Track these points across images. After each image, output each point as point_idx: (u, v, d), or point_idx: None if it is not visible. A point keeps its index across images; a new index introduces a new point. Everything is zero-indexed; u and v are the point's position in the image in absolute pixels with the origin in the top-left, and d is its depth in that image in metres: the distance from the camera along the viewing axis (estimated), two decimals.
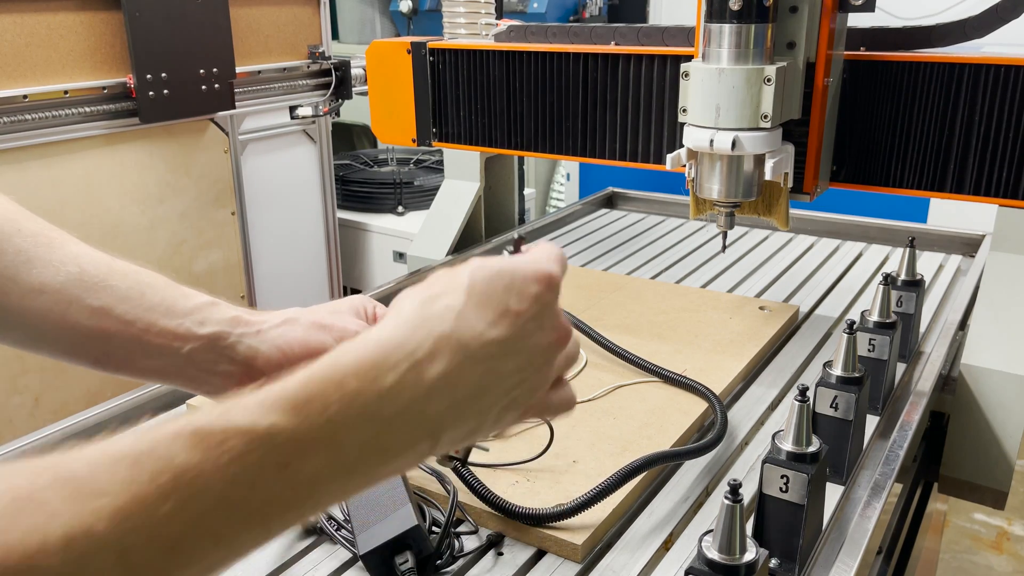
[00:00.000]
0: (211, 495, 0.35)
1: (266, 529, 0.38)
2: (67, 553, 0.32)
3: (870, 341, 0.97)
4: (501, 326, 0.45)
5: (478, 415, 0.46)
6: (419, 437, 0.42)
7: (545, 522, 0.76)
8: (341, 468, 0.39)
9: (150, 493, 0.34)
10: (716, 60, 1.00)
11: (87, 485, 0.34)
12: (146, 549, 0.34)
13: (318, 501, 0.40)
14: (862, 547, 0.74)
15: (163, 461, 0.35)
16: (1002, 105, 1.04)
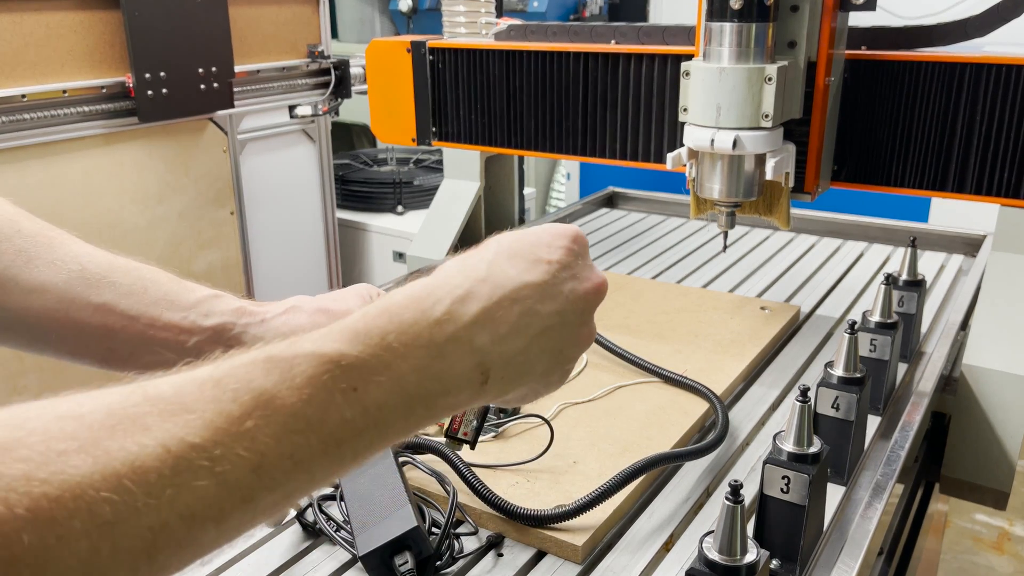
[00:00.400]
0: (288, 414, 0.37)
1: (340, 454, 0.40)
2: (164, 461, 0.34)
3: (871, 341, 0.97)
4: (534, 272, 0.49)
5: (524, 356, 0.48)
6: (469, 366, 0.45)
7: (547, 523, 0.76)
8: (403, 395, 0.42)
9: (234, 410, 0.36)
10: (717, 59, 1.00)
11: (175, 403, 0.36)
12: (234, 464, 0.36)
13: (385, 430, 0.42)
14: (863, 548, 0.74)
15: (243, 383, 0.37)
16: (1003, 105, 1.04)
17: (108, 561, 0.33)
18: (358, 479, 0.77)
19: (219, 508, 0.36)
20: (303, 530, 0.79)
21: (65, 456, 0.32)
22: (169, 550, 0.35)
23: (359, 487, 0.75)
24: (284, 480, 0.38)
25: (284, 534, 0.79)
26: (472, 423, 0.60)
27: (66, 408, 0.34)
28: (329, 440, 0.39)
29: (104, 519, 0.32)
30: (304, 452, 0.38)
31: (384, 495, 0.73)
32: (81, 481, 0.32)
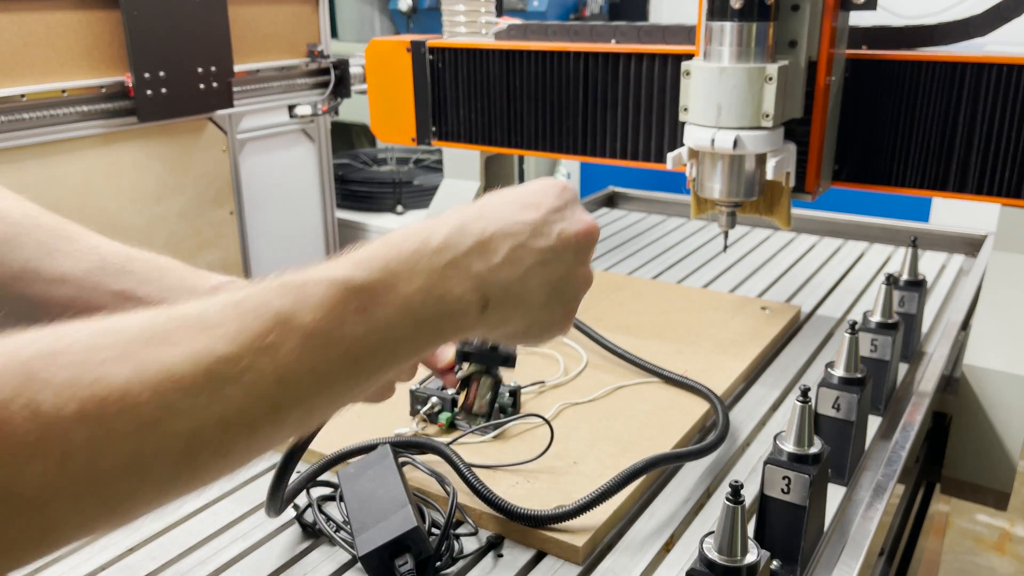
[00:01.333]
0: (305, 332, 0.41)
1: (356, 371, 0.44)
2: (196, 370, 0.37)
3: (872, 341, 0.96)
4: (526, 213, 0.53)
5: (520, 286, 0.52)
6: (468, 290, 0.49)
7: (546, 524, 0.75)
8: (409, 316, 0.46)
9: (255, 327, 0.40)
10: (717, 59, 1.00)
11: (200, 321, 0.39)
12: (259, 375, 0.39)
13: (396, 349, 0.46)
14: (864, 548, 0.74)
15: (261, 305, 0.41)
16: (1004, 104, 1.04)
17: (152, 460, 0.36)
18: (358, 480, 0.76)
19: (249, 417, 0.39)
20: (303, 530, 0.78)
21: (106, 364, 0.36)
22: (206, 454, 0.38)
23: (359, 488, 0.75)
24: (307, 394, 0.42)
25: (284, 535, 0.78)
26: (486, 397, 0.64)
27: (101, 326, 0.38)
28: (345, 357, 0.43)
29: (146, 419, 0.36)
30: (323, 367, 0.42)
31: (384, 496, 0.73)
32: (123, 385, 0.35)
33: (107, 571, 0.74)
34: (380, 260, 0.46)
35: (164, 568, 0.74)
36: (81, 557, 0.75)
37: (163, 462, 0.37)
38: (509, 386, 0.94)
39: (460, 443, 0.88)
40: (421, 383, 0.95)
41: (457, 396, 0.64)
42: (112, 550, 0.76)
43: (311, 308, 0.42)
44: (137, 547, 0.77)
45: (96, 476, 0.35)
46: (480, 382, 0.63)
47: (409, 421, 0.94)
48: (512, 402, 0.94)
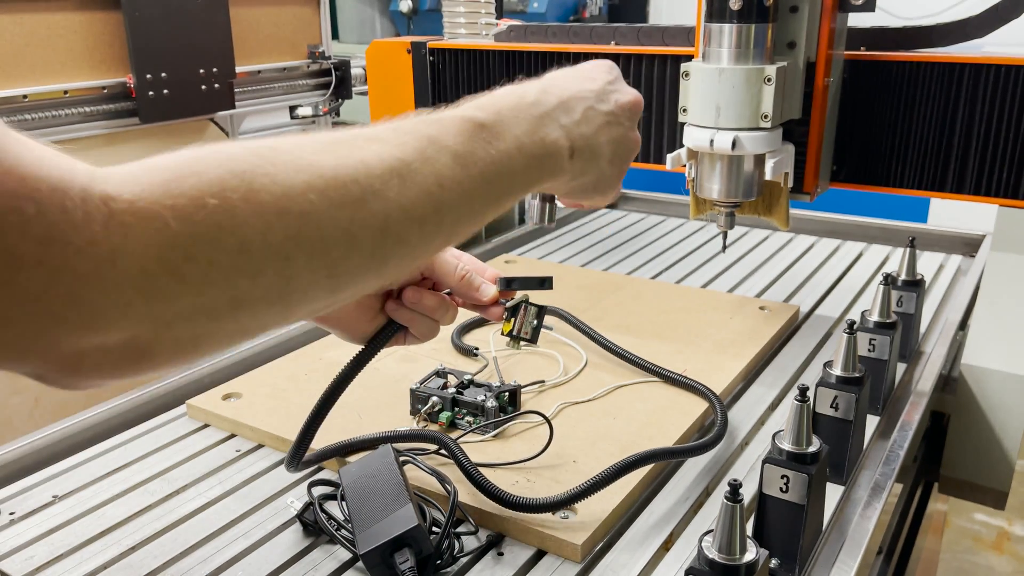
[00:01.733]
0: (451, 151, 0.50)
1: (489, 191, 0.53)
2: (380, 165, 0.46)
3: (870, 341, 0.97)
4: (589, 83, 0.64)
5: (595, 140, 0.63)
6: (560, 136, 0.59)
7: (539, 511, 0.76)
8: (522, 151, 0.55)
9: (415, 143, 0.48)
10: (716, 60, 1.00)
11: (375, 136, 0.48)
12: (425, 176, 0.48)
13: (513, 178, 0.55)
14: (862, 547, 0.74)
15: (416, 129, 0.49)
16: (1003, 105, 1.04)
17: (359, 232, 0.44)
18: (359, 478, 0.77)
19: (420, 211, 0.48)
20: (303, 529, 0.79)
21: (315, 155, 0.44)
22: (392, 239, 0.47)
23: (360, 486, 0.76)
24: (457, 201, 0.50)
25: (284, 533, 0.79)
26: (532, 323, 0.71)
27: (295, 137, 0.45)
28: (481, 176, 0.52)
29: (354, 196, 0.44)
30: (467, 181, 0.50)
31: (385, 494, 0.73)
32: (332, 169, 0.43)
33: (108, 570, 0.75)
34: (493, 107, 0.55)
35: (165, 567, 0.75)
36: (82, 557, 0.76)
37: (366, 236, 0.45)
38: (509, 385, 0.94)
39: (460, 442, 0.89)
40: (421, 383, 0.96)
41: (504, 323, 0.72)
42: (113, 549, 0.77)
43: (453, 134, 0.51)
44: (138, 546, 0.77)
45: (322, 237, 0.42)
46: (527, 309, 0.71)
47: (410, 420, 0.94)
48: (512, 401, 0.94)
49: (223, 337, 0.42)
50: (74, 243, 0.33)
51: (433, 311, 0.69)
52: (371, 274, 0.48)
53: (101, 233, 0.34)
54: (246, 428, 0.95)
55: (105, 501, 0.84)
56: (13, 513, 0.82)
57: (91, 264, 0.34)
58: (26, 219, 0.32)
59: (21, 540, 0.78)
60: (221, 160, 0.40)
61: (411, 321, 0.69)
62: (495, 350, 1.10)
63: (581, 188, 0.66)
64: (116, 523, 0.81)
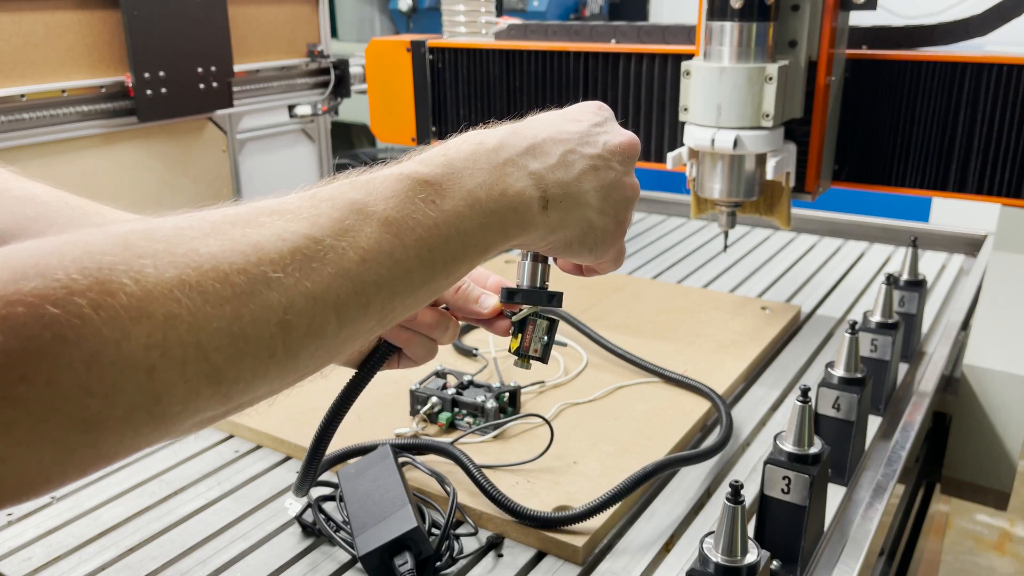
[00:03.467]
0: (380, 219, 0.43)
1: (431, 259, 0.46)
2: (282, 247, 0.40)
3: (872, 341, 0.96)
4: (571, 124, 0.57)
5: (576, 187, 0.55)
6: (528, 186, 0.51)
7: (556, 526, 0.75)
8: (475, 208, 0.48)
9: (333, 214, 0.42)
10: (718, 59, 1.00)
11: (280, 209, 0.42)
12: (341, 255, 0.41)
13: (467, 240, 0.48)
14: (864, 548, 0.74)
15: (337, 196, 0.43)
16: (1004, 104, 1.04)
17: (249, 329, 0.38)
18: (358, 480, 0.76)
19: (335, 295, 0.41)
20: (303, 530, 0.78)
21: (196, 240, 0.38)
22: (299, 331, 0.40)
23: (359, 488, 0.75)
24: (387, 278, 0.44)
25: (284, 534, 0.78)
26: (543, 339, 0.62)
27: (183, 217, 0.40)
28: (420, 244, 0.45)
29: (241, 289, 0.38)
30: (400, 252, 0.44)
31: (384, 496, 0.73)
32: (215, 256, 0.37)
33: (106, 571, 0.74)
34: (441, 158, 0.49)
35: (164, 568, 0.74)
36: (79, 558, 0.76)
37: (260, 333, 0.38)
38: (509, 386, 0.94)
39: (461, 443, 0.88)
40: (421, 383, 0.95)
41: (512, 340, 0.62)
42: (111, 551, 0.76)
43: (383, 198, 0.44)
44: (137, 547, 0.77)
45: (199, 342, 0.36)
46: (536, 324, 0.61)
47: (409, 421, 0.94)
48: (512, 402, 0.94)
49: (79, 466, 0.35)
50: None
51: (431, 329, 0.62)
52: (273, 375, 0.41)
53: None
54: (244, 429, 0.94)
55: (103, 502, 0.84)
56: (11, 514, 0.82)
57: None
58: None
59: (19, 541, 0.78)
60: (76, 256, 0.35)
61: (407, 342, 0.62)
62: (495, 350, 1.09)
63: (565, 244, 0.57)
64: (114, 524, 0.80)
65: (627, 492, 0.77)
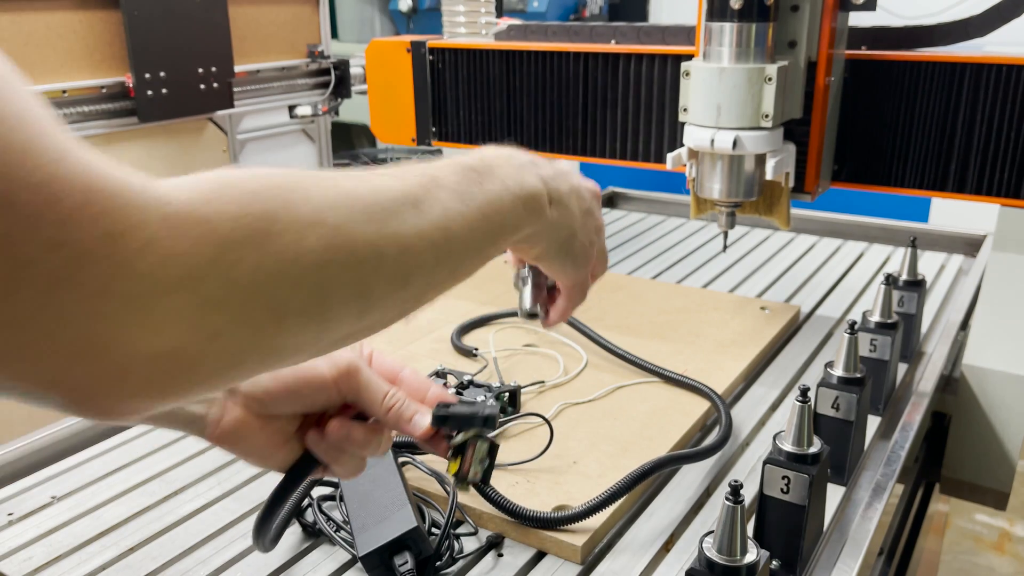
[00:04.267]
0: (450, 188, 0.52)
1: (487, 226, 0.54)
2: (390, 191, 0.48)
3: (871, 341, 0.97)
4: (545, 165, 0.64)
5: (568, 198, 0.64)
6: (539, 184, 0.60)
7: (555, 526, 0.75)
8: (509, 193, 0.57)
9: (418, 180, 0.50)
10: (717, 59, 1.00)
11: (378, 173, 0.50)
12: (429, 208, 0.49)
13: (504, 218, 0.56)
14: (863, 548, 0.74)
15: (414, 170, 0.52)
16: (1004, 105, 1.04)
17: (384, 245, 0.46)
18: (358, 479, 0.76)
19: (433, 234, 0.49)
20: (303, 530, 0.79)
21: (336, 180, 0.46)
22: (413, 256, 0.48)
23: (359, 487, 0.75)
24: (462, 235, 0.52)
25: (284, 534, 0.79)
26: (485, 462, 0.59)
27: (311, 171, 0.46)
28: (479, 211, 0.53)
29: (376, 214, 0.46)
30: (468, 215, 0.52)
31: (384, 495, 0.73)
32: (354, 189, 0.46)
33: (107, 571, 0.74)
34: (476, 156, 0.58)
35: (164, 568, 0.75)
36: (80, 558, 0.76)
37: (390, 252, 0.46)
38: (509, 386, 0.94)
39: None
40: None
41: (450, 463, 0.59)
42: (112, 550, 0.76)
43: (449, 174, 0.53)
44: (137, 547, 0.77)
45: (353, 250, 0.43)
46: (476, 447, 0.58)
47: None
48: (512, 402, 0.94)
49: (262, 356, 0.41)
50: (135, 242, 0.34)
51: (361, 447, 0.59)
52: (394, 298, 0.48)
53: (157, 233, 0.35)
54: None
55: (104, 502, 0.84)
56: (12, 514, 0.82)
57: (148, 263, 0.35)
58: (94, 216, 0.33)
59: (20, 541, 0.78)
60: (257, 175, 0.42)
61: (335, 458, 0.59)
62: (495, 350, 1.10)
63: (559, 243, 0.65)
64: (115, 524, 0.80)
65: (625, 491, 0.77)
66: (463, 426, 0.58)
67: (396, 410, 0.59)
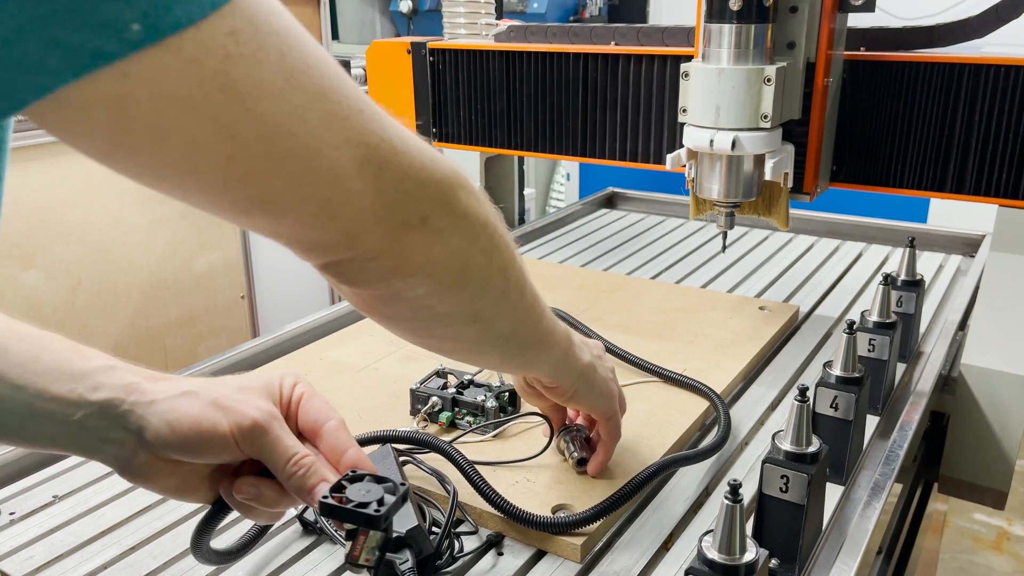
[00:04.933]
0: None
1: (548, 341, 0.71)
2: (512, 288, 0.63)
3: (870, 341, 0.97)
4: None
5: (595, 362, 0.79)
6: (582, 356, 0.77)
7: (562, 530, 0.75)
8: (563, 353, 0.74)
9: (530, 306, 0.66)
10: (716, 60, 1.00)
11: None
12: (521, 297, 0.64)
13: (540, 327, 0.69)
14: (862, 547, 0.74)
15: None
16: (1002, 105, 1.04)
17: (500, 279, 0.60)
18: None
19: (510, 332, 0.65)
20: (303, 529, 0.79)
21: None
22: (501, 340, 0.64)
23: None
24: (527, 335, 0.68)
25: (284, 533, 0.79)
26: (374, 552, 0.55)
27: None
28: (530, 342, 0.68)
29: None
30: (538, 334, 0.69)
31: None
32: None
33: (108, 570, 0.75)
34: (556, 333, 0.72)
35: (165, 567, 0.75)
36: (81, 557, 0.76)
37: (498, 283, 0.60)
38: (509, 385, 0.94)
39: (460, 442, 0.89)
40: (421, 383, 0.96)
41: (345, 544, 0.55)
42: (113, 549, 0.77)
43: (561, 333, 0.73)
44: (138, 546, 0.77)
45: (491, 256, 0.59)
46: (368, 535, 0.54)
47: (410, 421, 0.94)
48: (512, 401, 0.94)
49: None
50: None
51: (273, 505, 0.58)
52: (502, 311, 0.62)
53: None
54: None
55: (105, 501, 0.84)
56: (13, 513, 0.82)
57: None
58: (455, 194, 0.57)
59: (21, 540, 0.78)
60: None
61: (247, 512, 0.59)
62: None
63: (584, 380, 0.77)
64: (116, 523, 0.81)
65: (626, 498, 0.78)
66: (348, 521, 0.54)
67: (297, 479, 0.56)
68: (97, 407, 0.55)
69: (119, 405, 0.55)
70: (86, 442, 0.56)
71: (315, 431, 0.59)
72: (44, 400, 0.55)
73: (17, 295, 2.04)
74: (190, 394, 0.57)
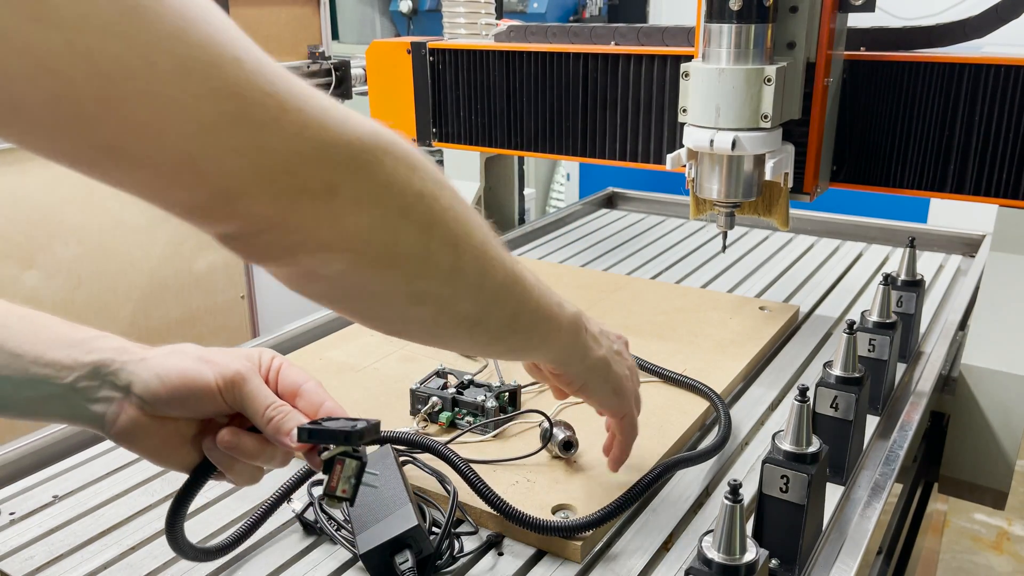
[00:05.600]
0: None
1: (519, 286, 0.63)
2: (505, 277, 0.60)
3: (870, 341, 0.97)
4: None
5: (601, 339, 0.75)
6: (594, 348, 0.74)
7: (576, 533, 0.75)
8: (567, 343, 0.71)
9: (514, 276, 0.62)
10: (716, 60, 1.00)
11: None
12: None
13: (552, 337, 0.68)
14: (862, 547, 0.74)
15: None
16: (1002, 105, 1.04)
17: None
18: None
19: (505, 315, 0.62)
20: (304, 529, 0.79)
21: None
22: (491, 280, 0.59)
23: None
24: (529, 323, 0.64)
25: (284, 534, 0.79)
26: (351, 481, 0.58)
27: None
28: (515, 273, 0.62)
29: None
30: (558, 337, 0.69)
31: (385, 494, 0.73)
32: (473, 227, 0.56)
33: (108, 570, 0.75)
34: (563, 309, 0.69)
35: (165, 567, 0.75)
36: (82, 557, 0.76)
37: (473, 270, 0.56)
38: (509, 385, 0.94)
39: (460, 442, 0.89)
40: (421, 383, 0.96)
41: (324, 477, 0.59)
42: (113, 549, 0.77)
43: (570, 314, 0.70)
44: (138, 546, 0.77)
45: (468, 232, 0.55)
46: (344, 464, 0.57)
47: (410, 421, 0.94)
48: (512, 401, 0.94)
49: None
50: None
51: (253, 456, 0.60)
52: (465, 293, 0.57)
53: None
54: None
55: (105, 501, 0.84)
56: (13, 513, 0.82)
57: None
58: (376, 159, 0.47)
59: (21, 540, 0.78)
60: None
61: (229, 466, 0.61)
62: None
63: (597, 374, 0.74)
64: (116, 523, 0.81)
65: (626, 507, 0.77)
66: (326, 441, 0.57)
67: (275, 423, 0.59)
68: (89, 367, 0.58)
69: (110, 364, 0.58)
70: (74, 403, 0.58)
71: (294, 392, 0.62)
72: (40, 365, 0.58)
73: (17, 295, 2.04)
74: (178, 351, 0.61)
